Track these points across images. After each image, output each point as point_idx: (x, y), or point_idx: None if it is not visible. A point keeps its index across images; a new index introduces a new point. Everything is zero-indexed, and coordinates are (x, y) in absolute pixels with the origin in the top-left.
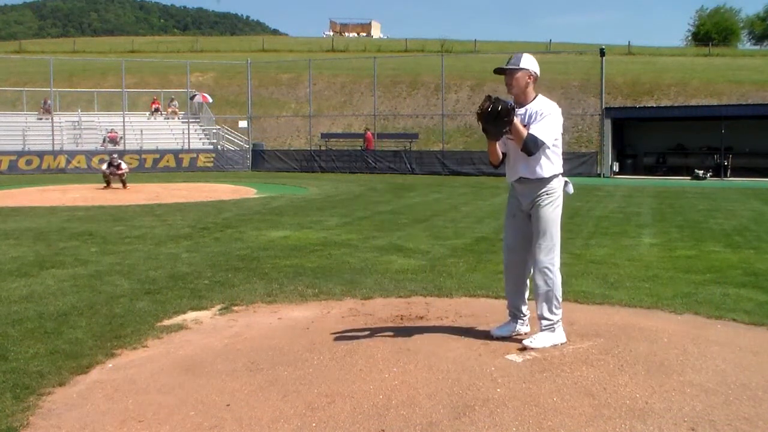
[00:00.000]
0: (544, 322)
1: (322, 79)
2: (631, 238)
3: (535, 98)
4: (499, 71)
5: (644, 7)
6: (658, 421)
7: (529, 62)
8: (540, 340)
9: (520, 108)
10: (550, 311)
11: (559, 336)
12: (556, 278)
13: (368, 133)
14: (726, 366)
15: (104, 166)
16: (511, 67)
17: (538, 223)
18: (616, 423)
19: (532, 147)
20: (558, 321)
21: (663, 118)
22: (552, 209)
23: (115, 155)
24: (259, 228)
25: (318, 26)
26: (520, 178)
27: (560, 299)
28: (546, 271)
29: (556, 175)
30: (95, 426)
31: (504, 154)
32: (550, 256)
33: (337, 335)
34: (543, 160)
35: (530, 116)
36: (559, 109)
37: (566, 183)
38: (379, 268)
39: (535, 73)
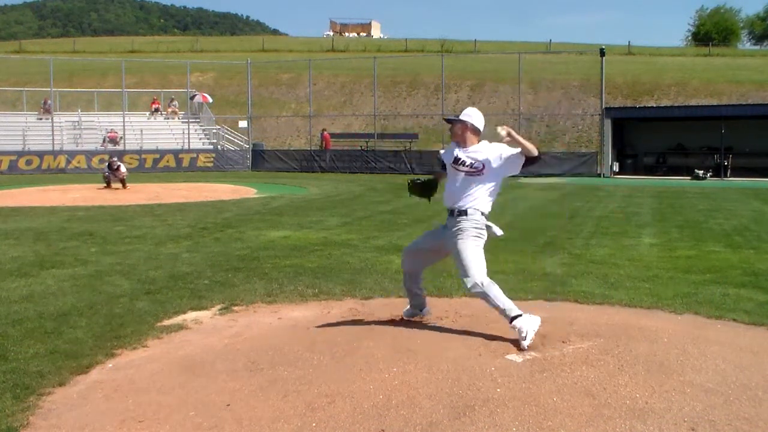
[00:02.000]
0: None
1: (322, 79)
2: (631, 238)
3: (478, 143)
4: (446, 120)
5: (644, 7)
6: (658, 421)
7: (467, 115)
8: (525, 335)
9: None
10: (506, 314)
11: (532, 320)
12: (489, 290)
13: (325, 133)
14: (726, 366)
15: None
16: (451, 118)
17: (454, 251)
18: (616, 423)
19: (535, 151)
20: (511, 310)
21: (663, 118)
22: (468, 240)
23: (115, 158)
24: (259, 228)
25: (318, 26)
26: (455, 208)
27: (503, 299)
28: (476, 292)
29: (482, 215)
30: (95, 426)
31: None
32: (469, 277)
33: (337, 335)
34: (485, 196)
35: (477, 152)
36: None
37: (488, 227)
38: (379, 268)
39: (472, 125)
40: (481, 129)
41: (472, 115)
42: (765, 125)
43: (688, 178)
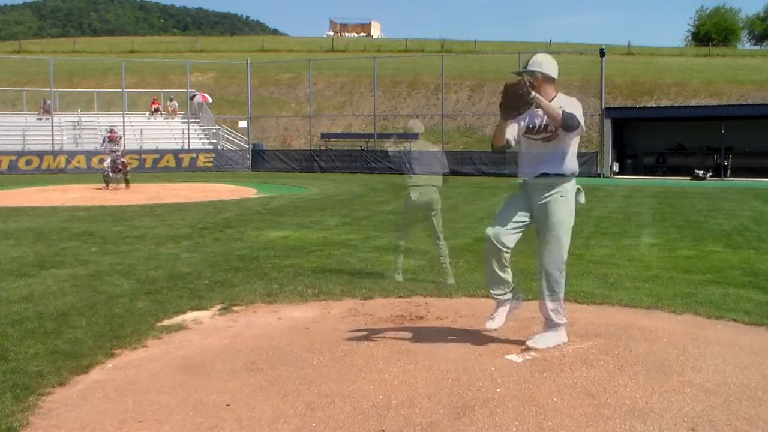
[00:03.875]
0: (549, 323)
1: (322, 79)
2: (631, 238)
3: (554, 97)
4: (515, 73)
5: (644, 7)
6: (658, 421)
7: (535, 65)
8: (543, 341)
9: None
10: (556, 314)
11: (561, 336)
12: (562, 281)
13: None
14: (726, 366)
15: (106, 164)
16: (520, 70)
17: (548, 224)
18: (616, 423)
19: (569, 121)
20: (563, 323)
21: (663, 118)
22: (567, 213)
23: (118, 153)
24: (259, 228)
25: (318, 26)
26: (543, 174)
27: (563, 301)
28: (553, 274)
29: (575, 174)
30: (95, 426)
31: (507, 143)
32: (557, 259)
33: (337, 335)
34: (569, 156)
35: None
36: (580, 105)
37: (579, 191)
38: (379, 268)
39: (542, 74)
40: (548, 74)
41: (535, 63)
42: (765, 125)
43: (688, 178)
